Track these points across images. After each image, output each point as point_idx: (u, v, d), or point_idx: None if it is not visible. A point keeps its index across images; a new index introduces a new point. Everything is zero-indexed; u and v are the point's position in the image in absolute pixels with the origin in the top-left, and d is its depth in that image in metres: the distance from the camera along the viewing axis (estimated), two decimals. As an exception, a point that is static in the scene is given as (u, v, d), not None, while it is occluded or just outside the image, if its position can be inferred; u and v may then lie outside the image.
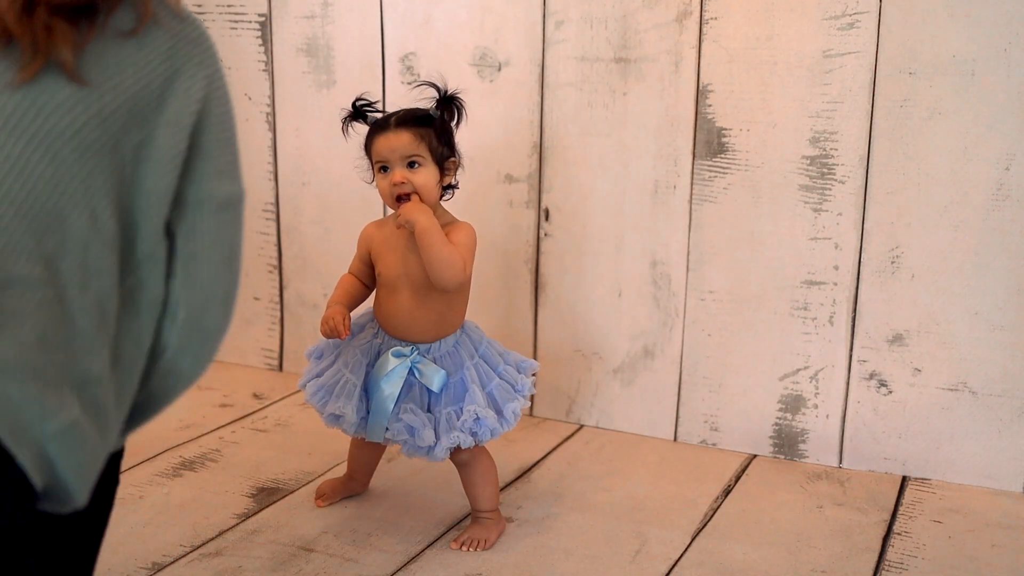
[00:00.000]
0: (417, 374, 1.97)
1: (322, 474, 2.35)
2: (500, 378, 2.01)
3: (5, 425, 1.02)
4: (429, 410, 1.97)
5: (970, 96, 2.20)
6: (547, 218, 2.60)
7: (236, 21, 2.83)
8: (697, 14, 2.37)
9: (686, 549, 2.06)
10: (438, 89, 1.99)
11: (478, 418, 1.94)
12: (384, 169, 1.96)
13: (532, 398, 2.68)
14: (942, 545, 2.09)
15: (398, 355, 1.98)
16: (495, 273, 2.67)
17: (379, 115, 2.02)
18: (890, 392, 2.37)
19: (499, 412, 1.98)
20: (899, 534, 2.13)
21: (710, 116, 2.40)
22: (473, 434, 1.95)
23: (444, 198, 2.06)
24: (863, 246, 2.33)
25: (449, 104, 1.99)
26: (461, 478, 2.08)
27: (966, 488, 2.33)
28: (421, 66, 2.65)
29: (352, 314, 2.08)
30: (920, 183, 2.27)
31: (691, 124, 2.42)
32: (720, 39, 2.36)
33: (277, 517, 2.16)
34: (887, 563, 2.02)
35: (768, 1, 2.30)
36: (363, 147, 2.02)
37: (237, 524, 2.13)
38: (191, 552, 2.02)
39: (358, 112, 2.02)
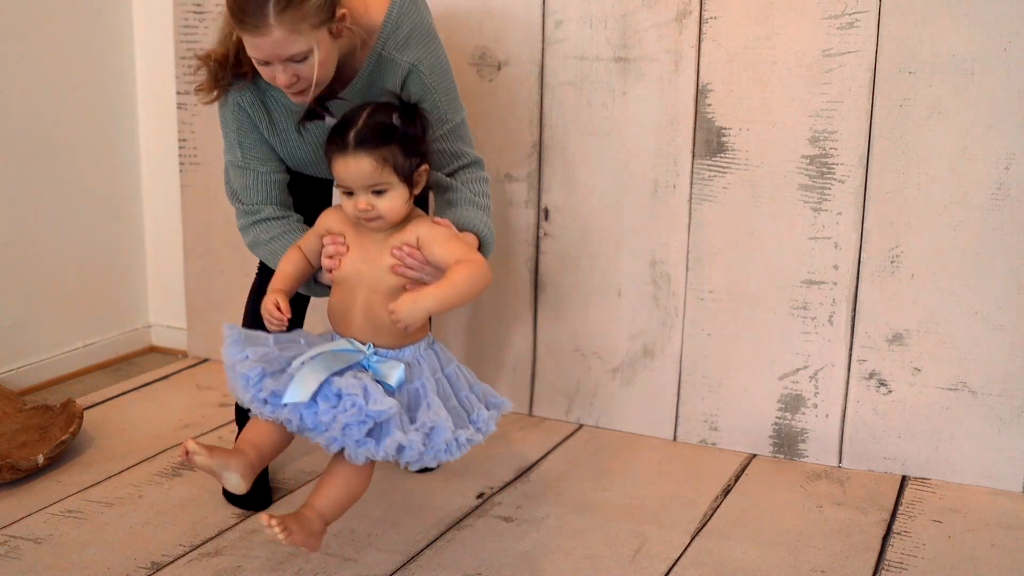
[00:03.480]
0: (373, 372, 1.75)
1: (321, 473, 2.34)
2: (459, 403, 1.80)
3: None
4: None
5: (970, 96, 2.20)
6: (547, 218, 2.60)
7: (235, 21, 2.83)
8: (696, 13, 2.37)
9: (685, 549, 2.06)
10: (399, 98, 1.81)
11: (435, 427, 1.72)
12: (348, 192, 1.77)
13: (532, 397, 2.68)
14: (942, 545, 2.09)
15: (352, 345, 1.77)
16: (495, 273, 2.67)
17: (334, 115, 1.81)
18: (890, 392, 2.37)
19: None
20: (899, 534, 2.13)
21: (709, 115, 2.40)
22: (425, 442, 1.71)
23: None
24: (863, 246, 2.33)
25: (412, 113, 1.79)
26: (329, 471, 1.78)
27: (966, 488, 2.33)
28: (421, 66, 2.65)
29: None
30: (920, 183, 2.27)
31: (691, 124, 2.42)
32: (719, 38, 2.36)
33: (276, 517, 2.16)
34: (887, 563, 2.02)
35: (767, 0, 2.30)
36: (324, 154, 1.82)
37: (236, 524, 2.13)
38: (191, 551, 2.02)
39: (313, 113, 1.86)
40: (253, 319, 2.24)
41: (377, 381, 1.73)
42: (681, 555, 2.03)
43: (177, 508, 2.19)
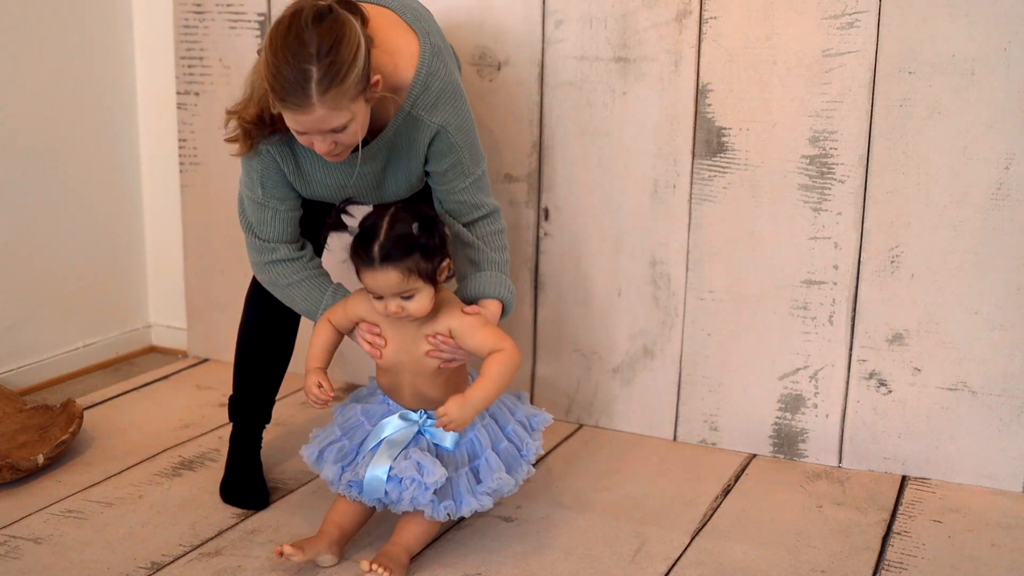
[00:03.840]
0: (428, 436, 1.97)
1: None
2: (508, 440, 2.01)
3: None
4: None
5: (970, 96, 2.20)
6: (547, 218, 2.60)
7: (236, 20, 2.83)
8: (696, 13, 2.37)
9: (685, 549, 2.06)
10: (417, 210, 1.91)
11: (499, 488, 1.96)
12: (378, 297, 1.90)
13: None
14: (942, 545, 2.09)
15: (406, 418, 1.98)
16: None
17: (358, 222, 1.93)
18: (890, 392, 2.37)
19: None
20: (899, 534, 2.13)
21: (709, 115, 2.40)
22: (495, 499, 1.98)
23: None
24: (863, 246, 2.33)
25: (430, 225, 1.90)
26: (404, 516, 1.99)
27: (966, 488, 2.33)
28: (421, 66, 2.64)
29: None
30: (920, 183, 2.27)
31: (690, 123, 2.42)
32: (720, 38, 2.36)
33: (276, 517, 2.16)
34: (887, 563, 2.02)
35: (767, 0, 2.30)
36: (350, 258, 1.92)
37: (236, 524, 2.13)
38: (190, 551, 2.02)
39: (336, 225, 1.95)
40: (253, 319, 2.26)
41: (435, 443, 1.97)
42: (681, 555, 2.03)
43: (177, 508, 2.19)
